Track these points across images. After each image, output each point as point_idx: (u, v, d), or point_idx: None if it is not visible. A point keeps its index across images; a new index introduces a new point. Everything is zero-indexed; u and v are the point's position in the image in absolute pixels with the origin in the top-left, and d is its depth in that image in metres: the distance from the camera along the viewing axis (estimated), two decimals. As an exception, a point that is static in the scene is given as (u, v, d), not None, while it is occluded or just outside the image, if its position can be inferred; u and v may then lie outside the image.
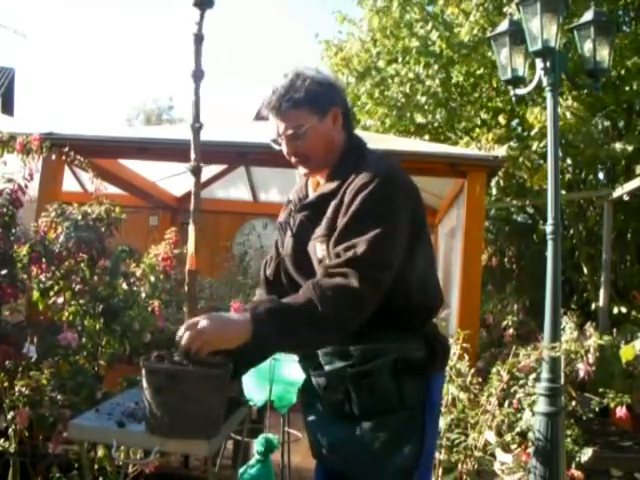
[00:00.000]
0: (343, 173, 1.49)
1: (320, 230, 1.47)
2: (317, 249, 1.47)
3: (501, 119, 6.92)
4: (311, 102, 1.49)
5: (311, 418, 1.59)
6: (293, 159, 1.55)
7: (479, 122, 7.38)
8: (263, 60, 58.93)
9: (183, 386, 1.35)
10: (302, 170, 1.57)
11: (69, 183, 5.25)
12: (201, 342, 1.28)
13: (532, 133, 5.75)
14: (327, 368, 1.48)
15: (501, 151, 5.56)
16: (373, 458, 1.43)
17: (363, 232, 1.36)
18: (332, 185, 1.49)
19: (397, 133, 7.35)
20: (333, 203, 1.46)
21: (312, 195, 1.58)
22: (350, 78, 7.65)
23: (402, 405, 1.42)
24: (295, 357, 1.67)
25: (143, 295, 3.49)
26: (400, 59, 7.31)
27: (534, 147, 5.68)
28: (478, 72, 6.63)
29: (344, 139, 1.56)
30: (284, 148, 1.54)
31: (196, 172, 1.39)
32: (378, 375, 1.41)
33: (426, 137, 7.27)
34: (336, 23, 8.31)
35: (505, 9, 6.04)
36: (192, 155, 1.37)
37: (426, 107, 7.06)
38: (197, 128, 1.33)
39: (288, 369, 2.70)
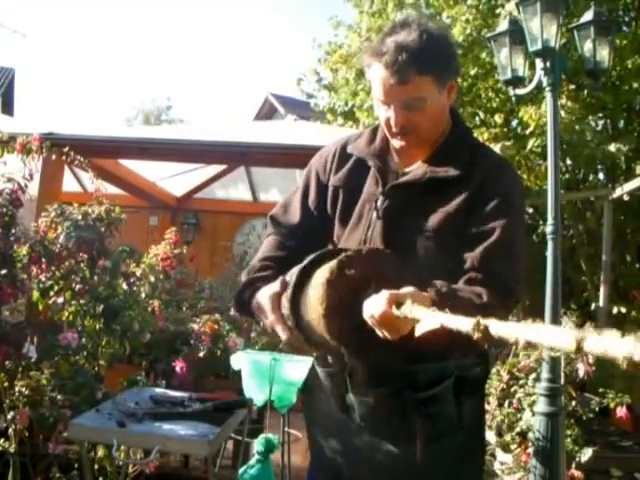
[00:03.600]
0: (458, 158, 1.28)
1: (431, 224, 1.24)
2: (419, 244, 1.25)
3: (497, 118, 6.91)
4: (437, 72, 1.25)
5: (330, 436, 1.41)
6: (396, 130, 1.29)
7: (477, 122, 7.37)
8: (263, 60, 58.96)
9: None
10: (398, 143, 1.31)
11: (69, 183, 5.25)
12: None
13: (528, 132, 5.74)
14: (378, 390, 1.27)
15: (496, 149, 5.55)
16: None
17: (517, 262, 1.24)
18: (449, 169, 1.27)
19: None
20: (460, 197, 1.24)
21: (418, 173, 1.30)
22: (350, 74, 7.64)
23: (461, 427, 1.29)
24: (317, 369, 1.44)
25: (143, 295, 3.49)
26: None
27: (529, 146, 5.68)
28: (473, 72, 6.61)
29: (449, 114, 1.36)
30: (390, 114, 1.28)
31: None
32: (442, 400, 1.25)
33: None
34: (332, 29, 8.30)
35: (498, 10, 6.02)
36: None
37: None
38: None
39: (288, 369, 2.70)
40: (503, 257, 1.20)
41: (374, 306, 1.00)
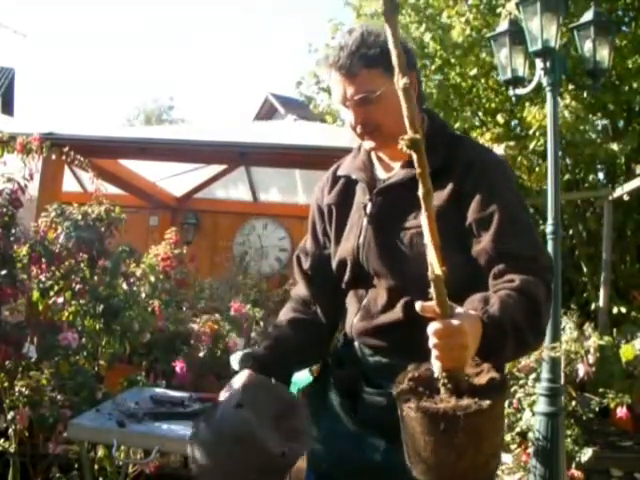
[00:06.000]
0: (436, 152, 1.24)
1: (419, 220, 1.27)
2: (413, 242, 1.25)
3: (499, 118, 6.92)
4: (386, 64, 1.17)
5: (334, 430, 1.38)
6: (359, 129, 1.30)
7: (477, 122, 7.38)
8: (262, 61, 59.00)
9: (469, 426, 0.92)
10: (367, 144, 1.34)
11: (69, 183, 5.25)
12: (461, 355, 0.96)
13: (530, 132, 5.75)
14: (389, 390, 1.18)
15: (499, 150, 5.56)
16: None
17: (527, 231, 1.24)
18: (430, 164, 1.30)
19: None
20: (446, 189, 1.24)
21: (400, 175, 1.31)
22: None
23: None
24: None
25: (143, 295, 3.49)
26: None
27: (531, 146, 5.68)
28: (473, 73, 6.61)
29: (418, 112, 1.36)
30: (350, 115, 1.30)
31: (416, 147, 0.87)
32: None
33: None
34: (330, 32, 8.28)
35: (499, 10, 6.02)
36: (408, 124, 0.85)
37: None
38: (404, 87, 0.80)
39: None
40: (512, 234, 1.20)
41: (431, 345, 0.94)
